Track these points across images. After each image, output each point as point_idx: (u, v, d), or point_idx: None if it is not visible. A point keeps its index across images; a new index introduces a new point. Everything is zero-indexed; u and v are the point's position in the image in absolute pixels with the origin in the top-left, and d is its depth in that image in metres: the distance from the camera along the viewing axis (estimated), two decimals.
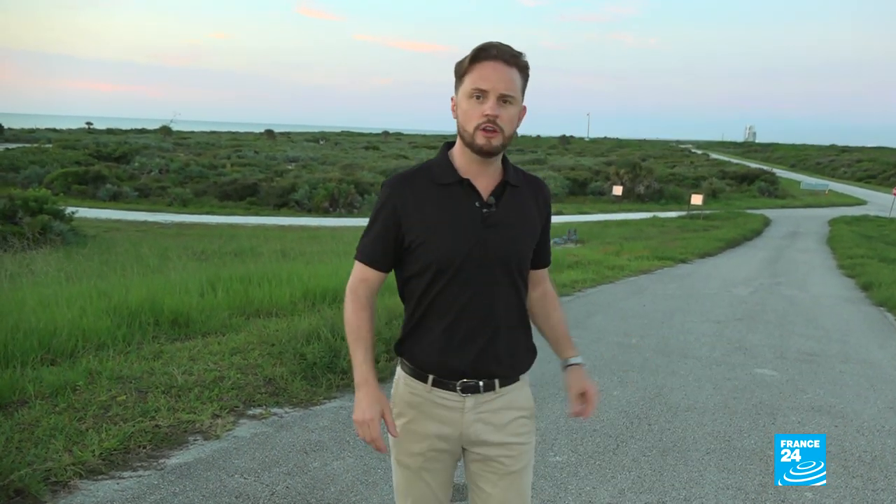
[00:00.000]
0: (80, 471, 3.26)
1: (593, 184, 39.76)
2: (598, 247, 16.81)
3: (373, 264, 1.86)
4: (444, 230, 1.78)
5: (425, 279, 1.81)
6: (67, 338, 4.79)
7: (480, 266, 1.79)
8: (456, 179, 1.80)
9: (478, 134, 1.74)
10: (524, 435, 1.90)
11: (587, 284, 10.37)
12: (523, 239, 1.86)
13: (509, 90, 1.73)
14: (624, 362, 5.97)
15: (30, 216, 19.47)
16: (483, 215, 1.79)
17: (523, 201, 1.86)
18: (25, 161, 36.30)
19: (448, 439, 1.87)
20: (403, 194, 1.81)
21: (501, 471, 1.87)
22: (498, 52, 1.73)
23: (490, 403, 1.85)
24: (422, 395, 1.86)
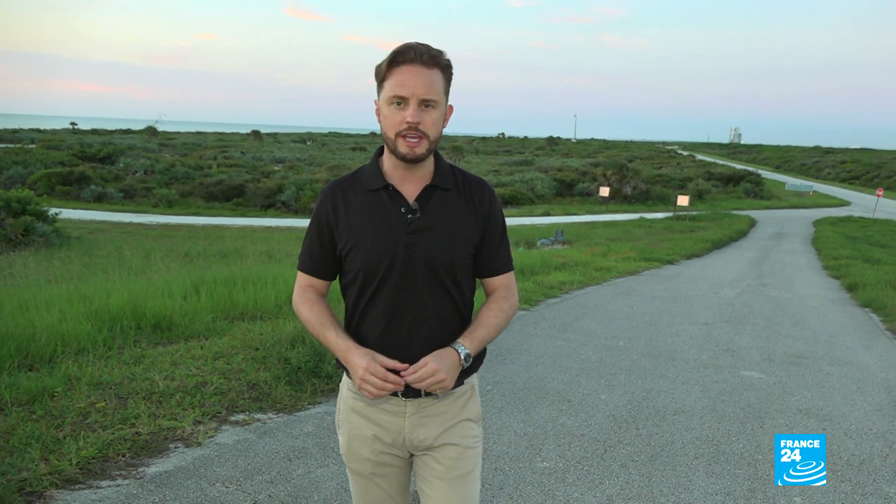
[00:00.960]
0: (57, 480, 3.18)
1: (580, 185, 39.85)
2: (586, 248, 16.82)
3: (312, 272, 1.88)
4: (369, 236, 1.77)
5: (357, 286, 1.81)
6: (46, 343, 4.70)
7: (407, 272, 1.76)
8: (382, 185, 1.79)
9: (399, 141, 1.71)
10: (468, 439, 1.87)
11: (574, 286, 10.34)
12: (452, 244, 1.78)
13: (430, 94, 1.69)
14: (612, 365, 5.94)
15: (12, 217, 19.22)
16: (407, 221, 1.77)
17: (453, 205, 1.81)
18: (8, 161, 35.88)
19: (393, 445, 1.87)
20: (335, 201, 1.82)
21: (445, 475, 1.85)
22: (416, 54, 1.68)
23: (432, 407, 1.84)
24: (365, 401, 1.86)
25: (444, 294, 1.79)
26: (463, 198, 1.82)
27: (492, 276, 1.88)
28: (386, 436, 1.86)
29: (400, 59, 1.68)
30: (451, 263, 1.78)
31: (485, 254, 1.85)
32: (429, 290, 1.78)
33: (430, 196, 1.79)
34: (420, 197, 1.79)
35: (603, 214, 31.62)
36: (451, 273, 1.79)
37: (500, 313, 1.85)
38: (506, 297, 1.88)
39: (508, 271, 1.90)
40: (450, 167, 1.86)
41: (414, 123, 1.68)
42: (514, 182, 39.26)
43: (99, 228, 22.09)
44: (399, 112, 1.70)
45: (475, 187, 1.85)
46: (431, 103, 1.70)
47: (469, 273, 1.85)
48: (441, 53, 1.71)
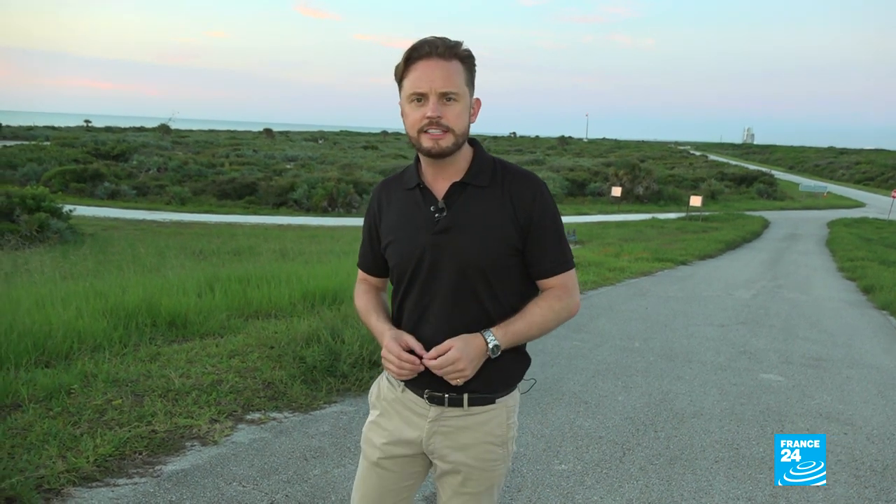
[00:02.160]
0: (74, 478, 3.17)
1: (592, 185, 39.69)
2: (598, 248, 16.73)
3: (364, 268, 1.94)
4: (400, 235, 1.76)
5: (395, 283, 1.82)
6: (62, 339, 4.70)
7: (433, 273, 1.71)
8: (416, 183, 1.76)
9: (422, 137, 1.66)
10: (489, 461, 1.79)
11: (588, 286, 10.29)
12: (483, 244, 1.68)
13: (449, 87, 1.62)
14: (627, 366, 5.89)
15: (27, 214, 19.35)
16: (434, 220, 1.71)
17: (487, 202, 1.70)
18: (23, 158, 36.11)
19: (410, 443, 1.82)
20: (380, 199, 1.84)
21: (459, 490, 1.81)
22: (431, 48, 1.62)
23: (455, 420, 1.77)
24: (396, 394, 1.84)
25: (472, 298, 1.70)
26: (500, 194, 1.71)
27: (544, 278, 1.75)
28: (406, 431, 1.81)
29: (416, 56, 1.63)
30: (481, 266, 1.68)
31: (533, 254, 1.72)
32: (455, 293, 1.69)
33: (459, 193, 1.72)
34: (448, 195, 1.72)
35: (615, 214, 31.47)
36: (482, 276, 1.68)
37: (548, 311, 1.72)
38: (559, 297, 1.73)
39: (562, 272, 1.75)
40: (492, 161, 1.76)
41: (434, 118, 1.62)
42: None
43: (113, 225, 22.17)
44: (419, 108, 1.64)
45: (518, 183, 1.72)
46: (452, 95, 1.63)
47: (510, 278, 1.72)
48: (458, 44, 1.65)
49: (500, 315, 1.71)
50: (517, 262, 1.73)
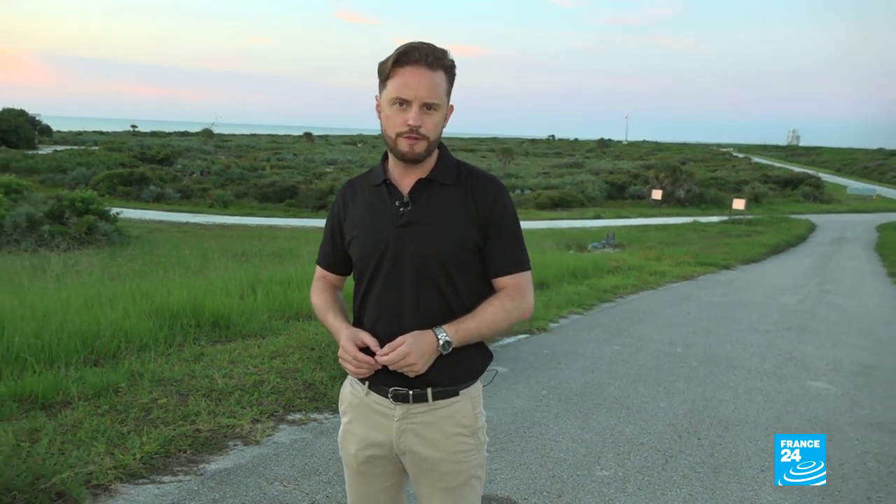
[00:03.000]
0: (121, 475, 3.24)
1: (632, 187, 39.28)
2: (638, 252, 16.54)
3: (325, 266, 1.96)
4: (365, 229, 1.80)
5: (357, 276, 1.85)
6: (110, 339, 4.81)
7: (396, 265, 1.75)
8: (382, 180, 1.81)
9: (399, 141, 1.72)
10: (461, 453, 1.80)
11: (628, 290, 10.17)
12: (445, 238, 1.73)
13: (432, 97, 1.69)
14: (669, 372, 5.80)
15: (76, 216, 19.89)
16: (399, 213, 1.76)
17: (450, 200, 1.77)
18: (73, 163, 37.18)
19: (381, 445, 1.83)
20: (345, 197, 1.89)
21: (436, 485, 1.82)
22: (420, 55, 1.67)
23: (422, 415, 1.79)
24: (360, 398, 1.85)
25: (434, 291, 1.74)
26: (463, 194, 1.77)
27: (498, 277, 1.80)
28: (375, 436, 1.83)
29: (404, 60, 1.67)
30: (441, 259, 1.73)
31: (490, 253, 1.78)
32: (418, 284, 1.74)
33: (424, 190, 1.77)
34: (413, 190, 1.78)
35: (655, 217, 31.06)
36: (444, 269, 1.73)
37: (499, 310, 1.76)
38: (511, 297, 1.78)
39: (517, 272, 1.80)
40: (456, 163, 1.83)
41: (415, 127, 1.68)
42: (565, 184, 38.91)
43: (158, 228, 22.67)
44: (401, 113, 1.70)
45: (480, 184, 1.79)
46: (434, 106, 1.70)
47: (470, 273, 1.78)
48: (445, 54, 1.71)
49: (460, 307, 1.76)
50: (477, 259, 1.79)
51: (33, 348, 4.35)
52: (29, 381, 3.99)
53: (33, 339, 4.43)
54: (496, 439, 4.11)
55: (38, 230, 18.75)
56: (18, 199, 21.75)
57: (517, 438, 4.15)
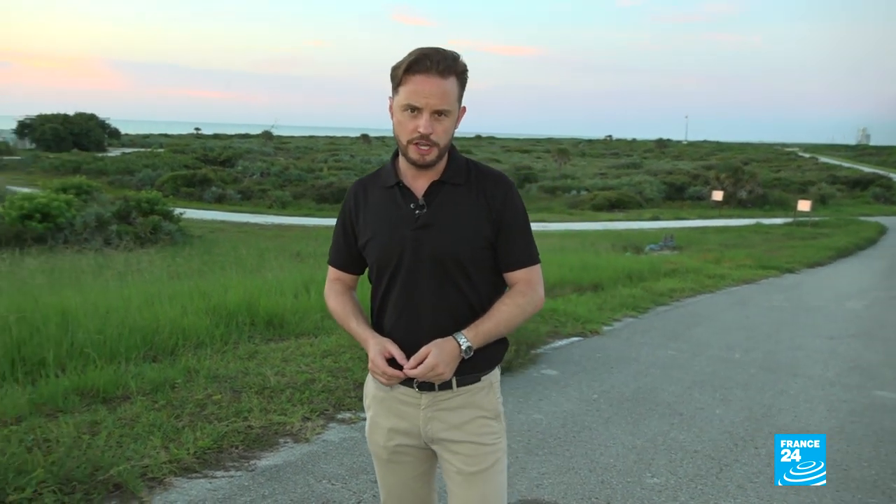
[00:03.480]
0: (175, 468, 3.33)
1: (691, 188, 38.42)
2: (697, 254, 16.15)
3: (339, 266, 1.98)
4: (381, 231, 1.83)
5: (374, 278, 1.88)
6: (168, 336, 4.96)
7: (415, 266, 1.79)
8: (394, 182, 1.84)
9: (411, 148, 1.75)
10: (485, 436, 1.87)
11: (685, 294, 9.94)
12: (462, 238, 1.79)
13: (443, 104, 1.72)
14: (726, 378, 5.64)
15: (142, 216, 20.57)
16: (414, 216, 1.80)
17: (462, 200, 1.82)
18: (140, 164, 38.46)
19: (409, 434, 1.90)
20: (357, 197, 1.91)
21: (463, 471, 1.86)
22: (432, 63, 1.70)
23: (447, 402, 1.86)
24: (385, 390, 1.90)
25: (453, 289, 1.80)
26: (474, 192, 1.83)
27: (510, 271, 1.86)
28: (403, 425, 1.89)
29: (416, 68, 1.71)
30: (458, 258, 1.79)
31: (501, 248, 1.84)
32: (437, 284, 1.79)
33: (437, 191, 1.82)
34: (427, 193, 1.82)
35: (715, 219, 30.29)
36: (461, 268, 1.79)
37: (513, 307, 1.83)
38: (523, 293, 1.85)
39: (528, 266, 1.86)
40: (465, 162, 1.87)
41: (426, 134, 1.72)
42: (622, 185, 38.32)
43: (219, 228, 23.24)
44: (412, 120, 1.73)
45: (490, 182, 1.84)
46: (445, 113, 1.74)
47: (486, 270, 1.84)
48: (456, 59, 1.74)
49: (479, 302, 1.82)
50: (491, 256, 1.84)
51: (96, 344, 4.52)
52: (91, 375, 4.14)
53: (96, 334, 4.60)
54: (544, 443, 4.07)
55: (106, 230, 19.46)
56: (88, 200, 22.63)
57: (566, 443, 4.10)
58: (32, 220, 18.64)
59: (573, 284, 9.25)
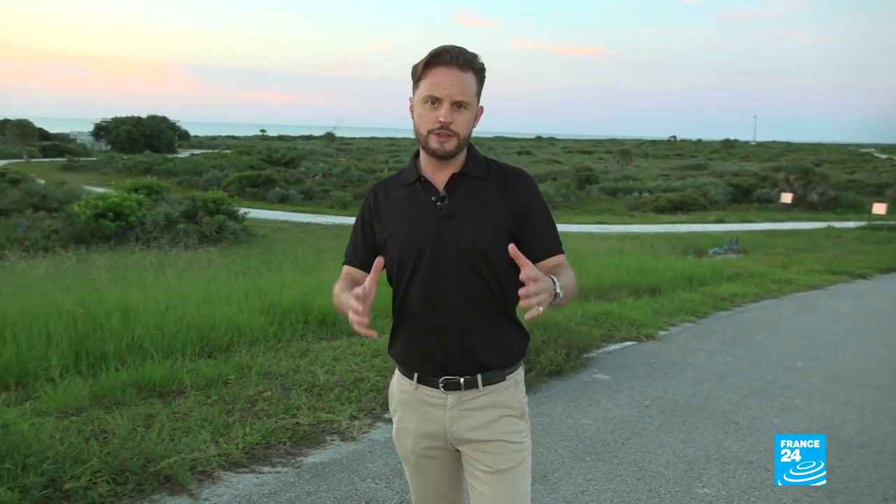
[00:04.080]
0: (224, 462, 3.41)
1: (759, 190, 37.24)
2: (763, 258, 15.66)
3: (354, 264, 1.96)
4: (403, 224, 1.85)
5: (395, 273, 1.87)
6: (224, 332, 5.09)
7: (438, 257, 1.80)
8: (416, 178, 1.87)
9: (431, 138, 1.78)
10: (512, 434, 1.87)
11: (748, 299, 9.63)
12: (484, 229, 1.80)
13: (463, 96, 1.75)
14: (787, 387, 5.44)
15: (208, 216, 21.24)
16: (437, 208, 1.82)
17: (484, 192, 1.84)
18: (207, 165, 39.66)
19: (436, 436, 1.90)
20: (376, 196, 1.93)
21: (490, 469, 1.85)
22: (451, 57, 1.75)
23: (473, 401, 1.86)
24: (410, 393, 1.92)
25: (477, 278, 1.80)
26: (495, 186, 1.85)
27: (543, 260, 1.85)
28: (429, 427, 1.90)
29: (436, 61, 1.75)
30: (482, 248, 1.79)
31: (529, 239, 1.83)
32: (461, 273, 1.80)
33: (459, 184, 1.84)
34: (448, 185, 1.84)
35: (784, 222, 29.30)
36: (484, 258, 1.80)
37: (571, 280, 1.78)
38: (569, 270, 1.83)
39: (557, 253, 1.88)
40: (484, 160, 1.90)
41: (446, 123, 1.75)
42: (685, 187, 37.44)
43: (281, 228, 23.76)
44: (432, 111, 1.77)
45: (510, 176, 1.87)
46: (464, 104, 1.77)
47: (506, 260, 1.69)
48: (475, 57, 1.78)
49: (501, 292, 1.82)
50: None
51: (154, 339, 4.67)
52: (149, 369, 4.28)
53: (155, 330, 4.76)
54: (592, 448, 4.00)
55: (174, 228, 20.16)
56: (158, 200, 23.47)
57: (614, 449, 4.02)
58: (106, 218, 19.46)
59: (630, 287, 9.08)
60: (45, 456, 3.00)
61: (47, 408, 3.74)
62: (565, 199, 33.76)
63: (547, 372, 5.18)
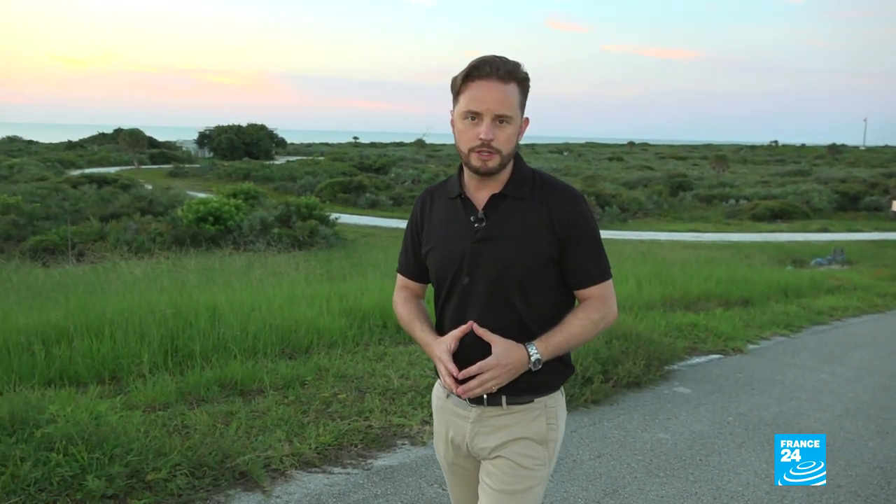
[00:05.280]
0: (297, 462, 3.50)
1: (868, 198, 35.11)
2: (870, 270, 14.76)
3: (406, 274, 1.97)
4: (443, 241, 1.82)
5: (435, 289, 1.88)
6: (304, 335, 5.24)
7: (473, 280, 1.76)
8: (458, 193, 1.82)
9: (472, 156, 1.72)
10: (525, 458, 1.81)
11: (849, 313, 9.09)
12: (520, 253, 1.73)
13: (504, 110, 1.67)
14: (885, 408, 5.10)
15: (301, 221, 21.92)
16: (474, 229, 1.77)
17: (525, 214, 1.76)
18: (301, 172, 40.93)
19: (459, 447, 1.90)
20: (423, 205, 1.91)
21: (494, 486, 1.82)
22: (491, 69, 1.66)
23: (495, 419, 1.82)
24: (443, 401, 1.93)
25: (507, 306, 1.75)
26: (538, 206, 1.76)
27: (581, 289, 1.79)
28: (454, 437, 1.90)
29: (475, 74, 1.68)
30: (517, 275, 1.74)
31: (570, 265, 1.77)
32: (492, 299, 1.75)
33: (498, 205, 1.77)
34: (487, 206, 1.78)
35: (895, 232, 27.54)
36: (518, 285, 1.74)
37: (587, 322, 1.76)
38: (597, 308, 1.78)
39: (600, 282, 1.79)
40: (531, 174, 1.81)
41: (487, 140, 1.68)
42: (787, 194, 35.73)
43: (370, 233, 24.23)
44: (473, 128, 1.69)
45: (556, 196, 1.77)
46: (506, 119, 1.69)
47: (545, 286, 1.76)
48: (518, 67, 1.70)
49: (534, 321, 1.76)
50: (553, 272, 1.77)
51: (238, 339, 4.86)
52: (231, 368, 4.46)
53: (239, 331, 4.95)
54: (668, 464, 3.88)
55: (269, 232, 20.91)
56: (255, 205, 24.42)
57: (691, 466, 3.88)
58: (206, 222, 20.41)
59: (719, 299, 8.76)
60: (130, 447, 3.17)
61: (136, 402, 3.96)
62: (657, 207, 32.88)
63: (624, 383, 5.06)
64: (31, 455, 2.98)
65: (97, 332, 4.64)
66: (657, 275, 9.64)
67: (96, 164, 50.51)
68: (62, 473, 2.94)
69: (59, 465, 2.96)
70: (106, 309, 5.08)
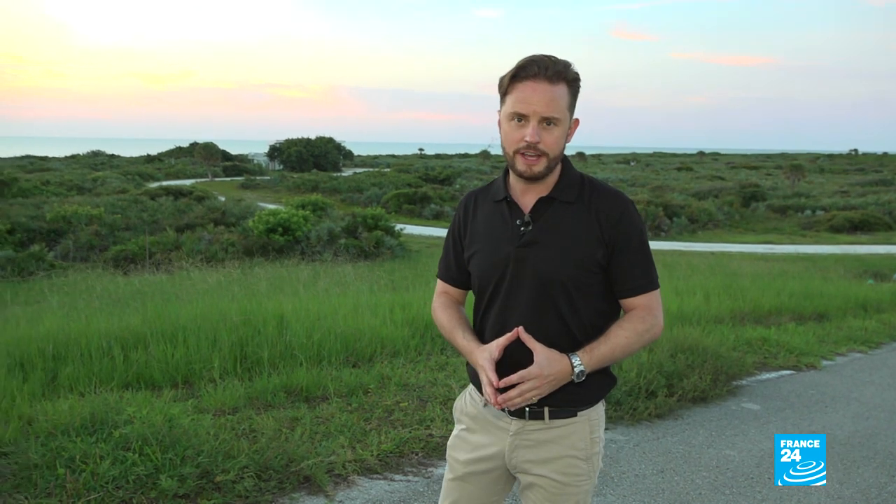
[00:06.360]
0: (359, 468, 3.57)
1: None
2: None
3: (447, 280, 1.92)
4: (486, 245, 1.78)
5: (476, 293, 1.83)
6: (368, 343, 5.33)
7: (518, 286, 1.72)
8: (503, 196, 1.77)
9: (518, 158, 1.68)
10: (571, 476, 1.77)
11: None
12: (566, 259, 1.68)
13: (552, 112, 1.62)
14: None
15: (367, 231, 22.28)
16: (520, 233, 1.72)
17: (572, 219, 1.71)
18: (368, 183, 41.61)
19: (493, 457, 1.83)
20: (466, 210, 1.86)
21: (541, 503, 1.78)
22: (539, 69, 1.61)
23: (537, 433, 1.77)
24: (479, 409, 1.86)
25: (553, 313, 1.70)
26: (586, 211, 1.71)
27: (627, 298, 1.74)
28: (489, 447, 1.83)
29: (522, 74, 1.63)
30: (561, 280, 1.69)
31: (616, 273, 1.72)
32: (537, 306, 1.71)
33: (545, 209, 1.73)
34: (534, 209, 1.74)
35: None
36: (564, 291, 1.69)
37: (632, 334, 1.70)
38: (643, 319, 1.72)
39: (647, 292, 1.74)
40: (580, 178, 1.75)
41: (533, 143, 1.63)
42: (867, 204, 34.25)
43: (435, 244, 24.37)
44: (519, 129, 1.65)
45: (605, 201, 1.72)
46: (553, 121, 1.64)
47: (592, 293, 1.72)
48: (567, 66, 1.64)
49: (580, 329, 1.72)
50: (600, 280, 1.73)
51: (304, 347, 4.99)
52: (298, 375, 4.58)
53: (305, 339, 5.08)
54: (734, 482, 3.79)
55: (335, 243, 21.34)
56: (322, 216, 24.97)
57: (759, 484, 3.78)
58: (276, 233, 20.97)
59: (792, 313, 8.46)
60: (200, 449, 3.30)
61: (207, 406, 4.11)
62: (728, 218, 32.01)
63: (690, 398, 4.96)
64: (109, 454, 3.14)
65: (172, 338, 4.85)
66: (726, 287, 9.40)
67: (173, 176, 52.59)
68: (137, 472, 3.08)
69: (134, 465, 3.11)
70: (180, 316, 5.30)
